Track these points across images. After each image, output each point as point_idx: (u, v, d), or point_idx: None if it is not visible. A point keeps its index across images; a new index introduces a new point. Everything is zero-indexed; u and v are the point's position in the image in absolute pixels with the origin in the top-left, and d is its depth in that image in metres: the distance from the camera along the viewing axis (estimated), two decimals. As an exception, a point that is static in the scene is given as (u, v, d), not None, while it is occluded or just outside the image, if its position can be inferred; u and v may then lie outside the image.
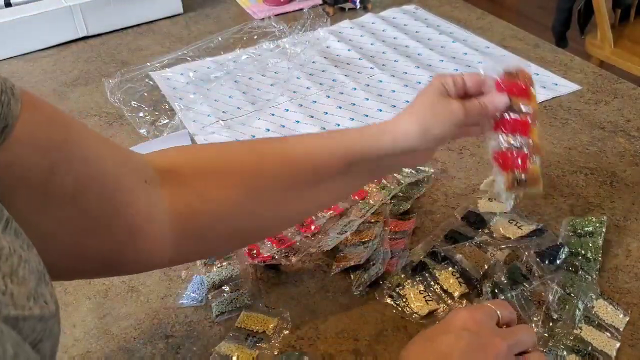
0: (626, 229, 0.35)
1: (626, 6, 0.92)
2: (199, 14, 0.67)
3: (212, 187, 0.25)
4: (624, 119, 0.45)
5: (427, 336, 0.25)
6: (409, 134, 0.28)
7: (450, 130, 0.28)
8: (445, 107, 0.28)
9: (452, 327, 0.24)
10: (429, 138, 0.28)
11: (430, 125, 0.28)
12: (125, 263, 0.24)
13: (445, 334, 0.24)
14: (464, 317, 0.24)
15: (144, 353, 0.30)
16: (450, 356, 0.23)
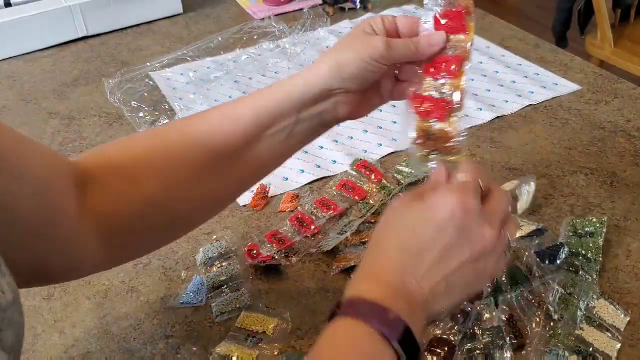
0: (626, 229, 0.35)
1: (626, 6, 0.92)
2: (198, 14, 0.67)
3: (123, 184, 0.24)
4: (624, 119, 0.45)
5: (409, 219, 0.22)
6: (321, 72, 0.25)
7: (368, 67, 0.25)
8: (364, 42, 0.25)
9: (438, 217, 0.21)
10: (344, 76, 0.25)
11: (344, 61, 0.25)
12: (55, 272, 0.23)
13: (429, 224, 0.21)
14: (453, 206, 0.21)
15: (144, 353, 0.30)
16: (430, 252, 0.21)
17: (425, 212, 0.22)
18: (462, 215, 0.21)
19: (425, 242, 0.21)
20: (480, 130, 0.45)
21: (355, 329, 0.20)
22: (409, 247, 0.22)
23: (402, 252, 0.22)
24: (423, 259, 0.21)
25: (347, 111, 0.27)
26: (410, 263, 0.21)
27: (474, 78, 0.52)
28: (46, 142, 0.48)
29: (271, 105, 0.25)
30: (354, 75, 0.25)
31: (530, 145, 0.43)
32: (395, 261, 0.21)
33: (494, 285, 0.31)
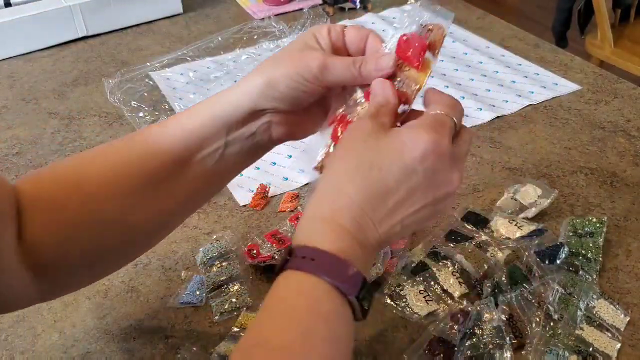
0: (626, 229, 0.35)
1: (626, 6, 0.92)
2: (198, 14, 0.67)
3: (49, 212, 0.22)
4: (624, 119, 0.45)
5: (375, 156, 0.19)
6: (249, 90, 0.23)
7: (300, 87, 0.22)
8: (299, 58, 0.22)
9: (408, 157, 0.19)
10: (274, 95, 0.22)
11: (275, 79, 0.22)
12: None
13: (397, 165, 0.19)
14: (426, 148, 0.19)
15: (144, 353, 0.30)
16: (394, 194, 0.19)
17: (395, 150, 0.20)
18: (435, 159, 0.20)
19: (390, 183, 0.19)
20: (480, 130, 0.45)
21: (312, 285, 0.18)
22: (372, 187, 0.19)
23: (363, 192, 0.19)
24: (385, 202, 0.19)
25: (283, 132, 0.24)
26: (371, 205, 0.19)
27: (474, 78, 0.52)
28: (46, 142, 0.48)
29: (197, 127, 0.23)
30: (285, 95, 0.23)
31: (530, 145, 0.43)
32: (355, 202, 0.19)
33: (494, 286, 0.31)
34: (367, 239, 0.19)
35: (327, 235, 0.19)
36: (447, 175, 0.20)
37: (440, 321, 0.30)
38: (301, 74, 0.22)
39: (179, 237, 0.37)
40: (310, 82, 0.23)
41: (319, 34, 0.24)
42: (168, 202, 0.24)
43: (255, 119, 0.24)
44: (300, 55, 0.23)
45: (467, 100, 0.49)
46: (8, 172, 0.45)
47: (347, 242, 0.19)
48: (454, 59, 0.55)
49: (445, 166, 0.20)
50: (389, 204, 0.20)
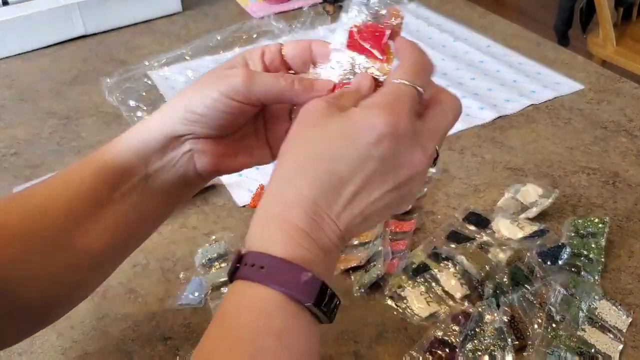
0: (629, 230, 0.35)
1: (628, 5, 0.92)
2: (197, 13, 0.67)
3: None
4: (626, 119, 0.45)
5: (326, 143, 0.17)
6: (165, 115, 0.21)
7: (220, 107, 0.20)
8: (221, 76, 0.20)
9: (361, 142, 0.17)
10: (191, 118, 0.20)
11: (194, 100, 0.20)
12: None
13: (350, 151, 0.17)
14: (381, 131, 0.17)
15: (143, 355, 0.30)
16: (349, 185, 0.17)
17: (346, 135, 0.17)
18: (390, 142, 0.17)
19: (344, 173, 0.17)
20: (481, 130, 0.45)
21: (263, 297, 0.16)
22: (324, 179, 0.17)
23: (315, 185, 0.17)
24: (341, 194, 0.17)
25: (209, 163, 0.22)
26: (325, 199, 0.17)
27: (475, 77, 0.51)
28: (44, 142, 0.48)
29: (112, 160, 0.21)
30: (204, 117, 0.20)
31: (532, 145, 0.43)
32: (307, 197, 0.17)
33: (496, 287, 0.31)
34: (325, 235, 0.18)
35: (277, 238, 0.17)
36: (407, 157, 0.18)
37: (442, 322, 0.30)
38: (222, 91, 0.20)
39: (178, 238, 0.37)
40: (234, 100, 0.20)
41: (250, 56, 0.21)
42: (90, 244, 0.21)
43: (175, 147, 0.21)
44: (223, 75, 0.20)
45: (468, 99, 0.49)
46: (6, 172, 0.44)
47: (300, 243, 0.17)
48: (455, 57, 0.54)
49: (404, 147, 0.18)
50: (345, 195, 0.17)
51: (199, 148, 0.22)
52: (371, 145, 0.17)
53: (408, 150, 0.18)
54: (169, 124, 0.21)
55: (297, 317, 0.17)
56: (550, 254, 0.32)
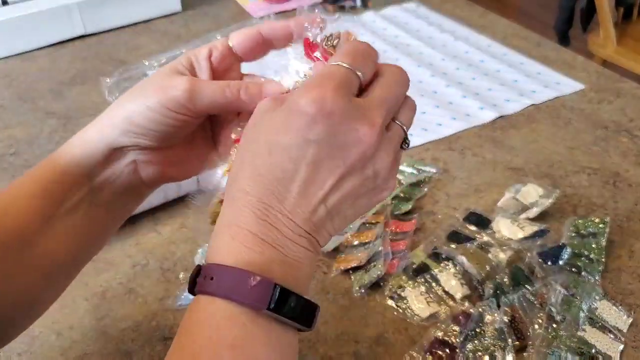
0: (629, 230, 0.35)
1: (629, 4, 0.92)
2: (197, 12, 0.66)
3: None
4: (627, 118, 0.45)
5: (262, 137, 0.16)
6: (106, 126, 0.20)
7: (162, 119, 0.19)
8: (161, 85, 0.19)
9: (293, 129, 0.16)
10: (134, 130, 0.19)
11: (133, 111, 0.19)
12: None
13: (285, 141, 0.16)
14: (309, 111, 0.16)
15: (142, 355, 0.30)
16: (294, 176, 0.16)
17: (280, 124, 0.16)
18: (323, 122, 0.16)
19: (286, 165, 0.16)
20: (482, 130, 0.45)
21: (214, 310, 0.15)
22: (268, 175, 0.16)
23: (260, 183, 0.16)
24: (288, 186, 0.16)
25: (155, 173, 0.21)
26: (274, 195, 0.16)
27: (476, 77, 0.51)
28: (43, 142, 0.47)
29: (58, 173, 0.20)
30: (146, 129, 0.19)
31: (532, 145, 0.43)
32: (254, 197, 0.16)
33: (496, 287, 0.31)
34: (281, 235, 0.16)
35: (228, 246, 0.16)
36: (350, 134, 0.16)
37: (442, 323, 0.29)
38: (163, 104, 0.19)
39: (178, 238, 0.37)
40: (177, 113, 0.19)
41: (195, 58, 0.20)
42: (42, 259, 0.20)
43: (118, 159, 0.20)
44: (164, 83, 0.19)
45: (468, 99, 0.48)
46: (5, 173, 0.44)
47: (251, 247, 0.16)
48: (455, 57, 0.54)
49: (342, 124, 0.16)
50: (294, 188, 0.16)
51: (143, 159, 0.21)
52: (304, 129, 0.16)
53: (348, 127, 0.16)
54: (110, 135, 0.20)
55: (254, 325, 0.16)
56: (551, 254, 0.32)
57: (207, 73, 0.21)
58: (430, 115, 0.46)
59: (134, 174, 0.21)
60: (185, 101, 0.19)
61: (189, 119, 0.20)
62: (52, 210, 0.20)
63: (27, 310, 0.22)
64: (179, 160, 0.22)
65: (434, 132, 0.44)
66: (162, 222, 0.37)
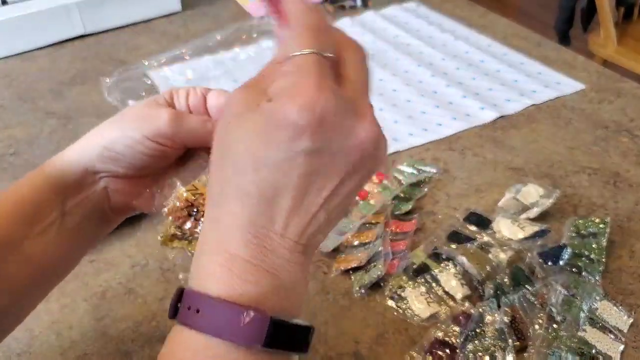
0: (630, 230, 0.35)
1: (629, 4, 0.91)
2: (197, 12, 0.66)
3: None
4: (627, 118, 0.45)
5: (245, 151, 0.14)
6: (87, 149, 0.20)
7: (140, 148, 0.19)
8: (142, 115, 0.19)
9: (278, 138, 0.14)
10: (110, 156, 0.19)
11: (111, 138, 0.19)
12: None
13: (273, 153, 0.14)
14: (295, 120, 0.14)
15: (142, 355, 0.30)
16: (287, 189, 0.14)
17: (264, 136, 0.14)
18: (315, 128, 0.14)
19: (275, 181, 0.14)
20: (482, 130, 0.45)
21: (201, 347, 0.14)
22: (253, 192, 0.14)
23: (248, 202, 0.14)
24: (279, 203, 0.14)
25: (124, 202, 0.21)
26: (264, 215, 0.14)
27: (476, 77, 0.51)
28: (43, 142, 0.47)
29: (30, 194, 0.19)
30: (123, 156, 0.19)
31: (533, 145, 0.43)
32: (242, 218, 0.14)
33: (496, 287, 0.31)
34: (275, 256, 0.15)
35: (215, 274, 0.14)
36: (351, 136, 0.14)
37: (442, 323, 0.29)
38: (145, 133, 0.19)
39: (178, 237, 0.37)
40: (157, 143, 0.19)
41: (176, 95, 0.20)
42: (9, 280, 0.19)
43: (91, 184, 0.20)
44: (147, 112, 0.19)
45: (469, 99, 0.48)
46: (5, 173, 0.44)
47: (241, 275, 0.14)
48: (455, 57, 0.54)
49: (336, 128, 0.14)
50: (284, 204, 0.14)
51: (115, 187, 0.21)
52: (293, 140, 0.14)
53: (343, 128, 0.14)
54: (87, 158, 0.20)
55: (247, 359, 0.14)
56: (551, 255, 0.32)
57: (185, 110, 0.20)
58: (431, 115, 0.46)
59: (104, 202, 0.21)
60: (168, 130, 0.19)
61: (166, 150, 0.20)
62: (21, 233, 0.19)
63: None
64: (148, 196, 0.21)
65: (434, 132, 0.44)
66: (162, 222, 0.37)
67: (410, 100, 0.48)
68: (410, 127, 0.45)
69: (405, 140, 0.43)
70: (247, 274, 0.15)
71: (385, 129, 0.15)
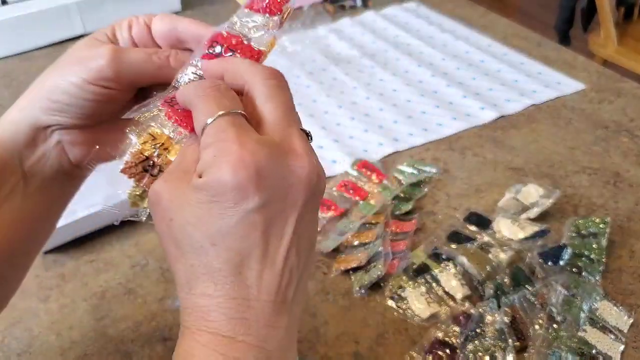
0: (630, 230, 0.35)
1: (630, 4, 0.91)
2: (197, 12, 0.66)
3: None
4: (627, 118, 0.45)
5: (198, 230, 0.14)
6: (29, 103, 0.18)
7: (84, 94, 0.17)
8: (82, 56, 0.17)
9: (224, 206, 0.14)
10: (54, 106, 0.17)
11: (53, 87, 0.17)
12: None
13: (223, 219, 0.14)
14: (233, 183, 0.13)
15: (142, 355, 0.30)
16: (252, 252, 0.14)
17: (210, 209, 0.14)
18: (255, 182, 0.13)
19: (238, 246, 0.14)
20: (482, 130, 0.45)
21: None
22: (223, 267, 0.14)
23: (219, 279, 0.14)
24: (249, 268, 0.14)
25: (82, 154, 0.19)
26: (237, 286, 0.14)
27: (476, 77, 0.51)
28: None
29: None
30: (68, 106, 0.17)
31: (533, 145, 0.43)
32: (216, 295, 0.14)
33: (496, 287, 0.31)
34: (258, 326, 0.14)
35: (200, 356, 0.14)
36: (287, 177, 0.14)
37: (442, 323, 0.29)
38: (84, 76, 0.17)
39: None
40: (100, 87, 0.17)
41: (119, 28, 0.18)
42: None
43: (44, 140, 0.18)
44: (84, 53, 0.17)
45: (469, 99, 0.48)
46: (5, 172, 0.44)
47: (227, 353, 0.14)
48: (455, 57, 0.54)
49: (273, 174, 0.14)
50: (254, 266, 0.14)
51: (69, 139, 0.19)
52: (238, 203, 0.14)
53: (283, 171, 0.14)
54: (31, 114, 0.18)
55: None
56: (551, 255, 0.32)
57: (128, 44, 0.18)
58: (431, 115, 0.46)
59: (62, 157, 0.19)
60: (109, 71, 0.17)
61: (114, 93, 0.17)
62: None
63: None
64: (109, 140, 0.19)
65: (434, 132, 0.44)
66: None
67: (411, 100, 0.48)
68: (411, 127, 0.45)
69: (406, 140, 0.43)
70: (233, 352, 0.14)
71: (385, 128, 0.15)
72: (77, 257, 0.36)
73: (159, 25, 0.19)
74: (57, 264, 0.35)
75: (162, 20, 0.19)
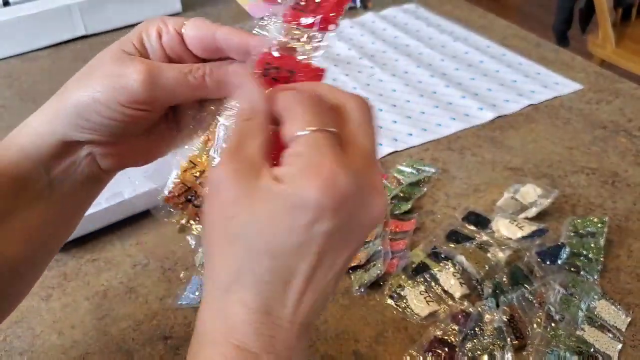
0: (628, 230, 0.35)
1: (628, 5, 0.92)
2: (197, 13, 0.67)
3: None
4: (625, 119, 0.45)
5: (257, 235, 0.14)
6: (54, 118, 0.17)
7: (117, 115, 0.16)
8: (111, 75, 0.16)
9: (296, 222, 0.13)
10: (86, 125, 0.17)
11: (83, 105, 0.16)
12: None
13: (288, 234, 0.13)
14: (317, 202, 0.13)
15: (143, 354, 0.30)
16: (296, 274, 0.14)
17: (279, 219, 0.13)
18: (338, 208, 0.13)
19: (288, 265, 0.14)
20: (481, 130, 0.45)
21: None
22: (268, 280, 0.14)
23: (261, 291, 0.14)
24: (292, 288, 0.14)
25: (114, 163, 0.19)
26: (275, 303, 0.14)
27: (475, 77, 0.51)
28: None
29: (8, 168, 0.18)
30: (100, 125, 0.17)
31: (531, 145, 0.43)
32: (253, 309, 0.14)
33: (495, 286, 0.31)
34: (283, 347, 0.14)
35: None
36: (365, 214, 0.14)
37: (441, 322, 0.30)
38: (114, 97, 0.16)
39: (178, 237, 0.37)
40: (133, 108, 0.16)
41: (147, 36, 0.17)
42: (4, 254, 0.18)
43: (73, 152, 0.18)
44: (114, 70, 0.16)
45: (468, 99, 0.49)
46: (6, 172, 0.45)
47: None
48: (454, 58, 0.54)
49: (355, 206, 0.14)
50: (297, 287, 0.14)
51: (100, 152, 0.19)
52: (312, 224, 0.13)
53: (364, 204, 0.14)
54: (60, 130, 0.17)
55: None
56: (550, 254, 0.32)
57: (158, 54, 0.17)
58: (430, 115, 0.47)
59: (92, 165, 0.19)
60: (143, 94, 0.16)
61: (146, 114, 0.17)
62: (8, 206, 0.18)
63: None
64: (141, 150, 0.19)
65: (433, 132, 0.45)
66: (162, 222, 0.37)
67: (410, 101, 0.49)
68: (410, 127, 0.45)
69: (405, 140, 0.43)
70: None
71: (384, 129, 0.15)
72: (79, 257, 0.36)
73: (193, 32, 0.18)
74: (59, 263, 0.35)
75: (198, 27, 0.18)
